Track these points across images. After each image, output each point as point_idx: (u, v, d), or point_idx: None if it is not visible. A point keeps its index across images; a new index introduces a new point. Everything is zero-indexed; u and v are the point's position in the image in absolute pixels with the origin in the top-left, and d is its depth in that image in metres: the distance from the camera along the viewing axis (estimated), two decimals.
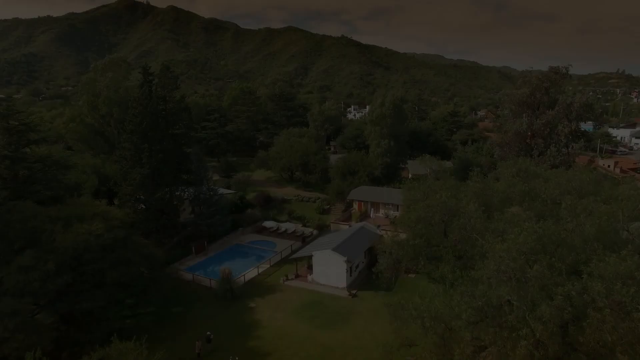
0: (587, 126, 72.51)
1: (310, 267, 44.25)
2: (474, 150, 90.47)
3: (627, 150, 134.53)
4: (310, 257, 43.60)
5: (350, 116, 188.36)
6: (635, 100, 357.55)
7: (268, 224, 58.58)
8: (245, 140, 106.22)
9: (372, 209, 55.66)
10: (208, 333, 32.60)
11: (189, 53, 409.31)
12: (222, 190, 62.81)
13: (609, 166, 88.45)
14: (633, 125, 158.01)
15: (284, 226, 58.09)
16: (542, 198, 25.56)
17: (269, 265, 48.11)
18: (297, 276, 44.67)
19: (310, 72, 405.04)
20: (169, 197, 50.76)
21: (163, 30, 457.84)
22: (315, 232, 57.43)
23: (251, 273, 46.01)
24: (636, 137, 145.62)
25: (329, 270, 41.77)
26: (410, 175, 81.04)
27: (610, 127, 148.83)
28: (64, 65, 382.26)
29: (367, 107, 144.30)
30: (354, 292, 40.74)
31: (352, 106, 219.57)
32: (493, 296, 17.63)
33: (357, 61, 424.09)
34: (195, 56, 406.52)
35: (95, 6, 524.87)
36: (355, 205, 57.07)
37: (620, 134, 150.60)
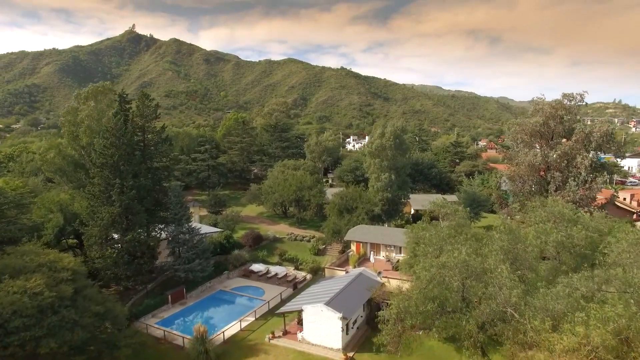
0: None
1: (300, 322, 38.04)
2: (479, 183, 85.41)
3: (637, 180, 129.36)
4: (300, 311, 37.49)
5: (349, 147, 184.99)
6: (634, 129, 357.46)
7: (256, 267, 52.59)
8: (238, 172, 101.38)
9: (372, 252, 49.75)
10: None
11: (189, 84, 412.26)
12: (207, 229, 57.31)
13: (624, 199, 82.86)
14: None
15: (273, 270, 52.10)
16: (600, 261, 19.92)
17: (254, 318, 41.83)
18: (285, 333, 38.34)
19: (310, 103, 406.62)
20: (144, 238, 45.10)
21: (165, 62, 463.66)
22: (308, 276, 51.39)
23: (233, 328, 39.78)
24: None
25: (322, 327, 35.56)
26: (412, 211, 75.55)
27: (616, 156, 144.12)
28: (65, 96, 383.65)
29: (367, 137, 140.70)
30: (351, 354, 34.35)
31: (352, 137, 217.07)
32: None
33: (357, 92, 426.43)
34: (196, 87, 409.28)
35: (100, 39, 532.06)
36: (353, 247, 51.17)
37: (627, 163, 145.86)
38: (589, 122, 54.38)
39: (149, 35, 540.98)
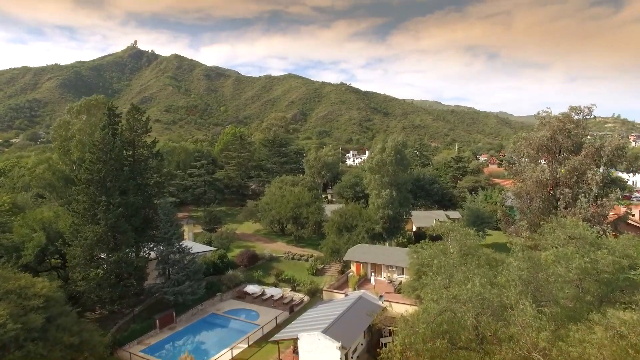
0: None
1: (296, 351, 35.24)
2: (482, 199, 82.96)
3: None
4: (296, 339, 34.71)
5: (349, 162, 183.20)
6: (633, 143, 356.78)
7: (251, 288, 49.86)
8: (235, 188, 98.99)
9: (373, 272, 47.07)
10: None
11: (190, 99, 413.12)
12: (200, 248, 54.74)
13: (633, 215, 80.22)
14: None
15: (269, 291, 49.34)
16: None
17: (246, 345, 39.02)
18: None
19: (310, 118, 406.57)
20: (132, 258, 42.47)
21: (165, 77, 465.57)
22: (306, 298, 48.62)
23: (223, 357, 36.95)
24: None
25: (319, 357, 32.74)
26: (414, 228, 72.97)
27: (619, 171, 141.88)
28: None
29: (367, 152, 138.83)
30: None
31: (351, 152, 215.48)
32: None
33: (356, 107, 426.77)
34: (196, 102, 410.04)
35: (103, 55, 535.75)
36: (353, 267, 48.52)
37: (632, 178, 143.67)
38: (588, 137, 52.49)
39: (150, 51, 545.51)
